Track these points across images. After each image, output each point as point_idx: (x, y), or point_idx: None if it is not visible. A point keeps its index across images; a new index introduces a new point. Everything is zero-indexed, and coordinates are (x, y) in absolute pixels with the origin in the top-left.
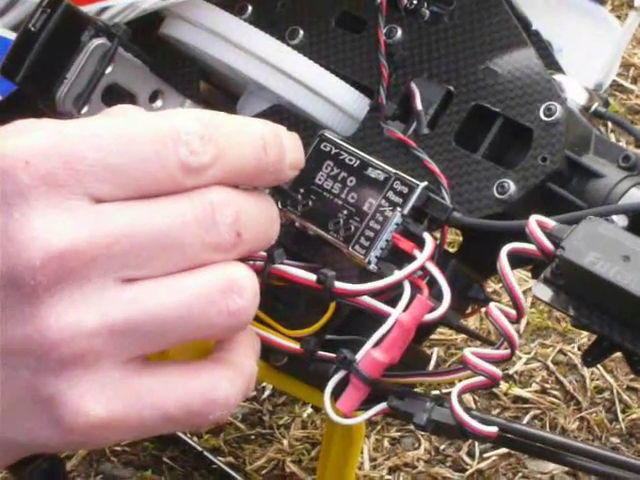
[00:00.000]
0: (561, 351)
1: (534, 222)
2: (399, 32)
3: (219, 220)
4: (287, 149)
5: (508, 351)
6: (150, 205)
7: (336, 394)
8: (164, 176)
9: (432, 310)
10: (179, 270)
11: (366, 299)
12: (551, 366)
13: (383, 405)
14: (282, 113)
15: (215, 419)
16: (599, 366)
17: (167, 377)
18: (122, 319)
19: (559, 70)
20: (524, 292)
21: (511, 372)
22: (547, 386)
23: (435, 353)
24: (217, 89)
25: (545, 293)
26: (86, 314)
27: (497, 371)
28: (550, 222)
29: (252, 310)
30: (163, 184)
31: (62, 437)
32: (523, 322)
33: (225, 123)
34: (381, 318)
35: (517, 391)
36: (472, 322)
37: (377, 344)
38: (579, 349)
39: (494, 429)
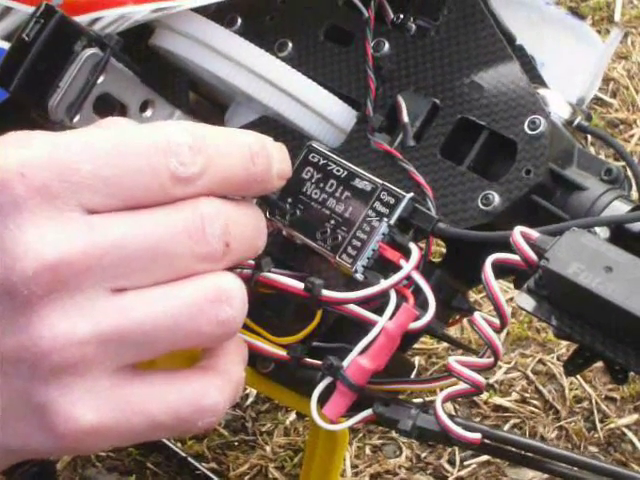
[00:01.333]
0: (541, 361)
1: (518, 233)
2: (386, 46)
3: (209, 231)
4: (274, 159)
5: (492, 359)
6: (141, 216)
7: (322, 401)
8: (155, 186)
9: (417, 319)
10: (169, 280)
11: (353, 307)
12: (531, 376)
13: (369, 412)
14: (270, 124)
15: (204, 426)
16: (578, 376)
17: (156, 385)
18: (113, 328)
19: (542, 84)
20: (506, 301)
21: (491, 381)
22: (527, 395)
23: (417, 362)
24: (206, 100)
25: (528, 303)
26: (78, 323)
27: (481, 379)
28: (534, 233)
29: (241, 319)
30: (154, 194)
31: (54, 443)
32: (504, 332)
33: (214, 134)
34: (367, 326)
35: (497, 400)
36: (453, 332)
37: (363, 351)
38: (558, 359)
39: (478, 436)
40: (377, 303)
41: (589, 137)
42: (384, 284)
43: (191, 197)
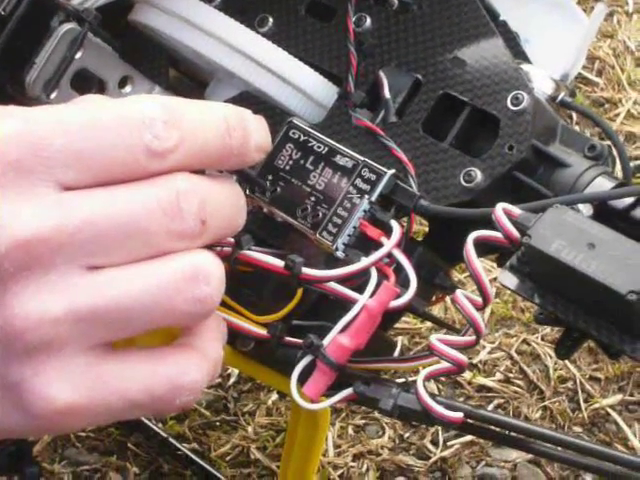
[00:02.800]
0: (525, 341)
1: (500, 210)
2: (368, 21)
3: (184, 208)
4: (252, 131)
5: (474, 338)
6: (115, 192)
7: (302, 379)
8: (129, 161)
9: (398, 297)
10: (145, 258)
11: (333, 285)
12: (515, 356)
13: (349, 391)
14: (250, 100)
15: (181, 404)
16: None
17: (133, 363)
18: (87, 306)
19: (526, 60)
20: (489, 281)
21: (475, 361)
22: (511, 375)
23: (400, 342)
24: (186, 76)
25: (511, 281)
26: (51, 301)
27: (463, 358)
28: (516, 210)
29: (218, 297)
30: (128, 169)
31: (29, 423)
32: (487, 312)
33: (189, 107)
34: (348, 304)
35: (481, 380)
36: (437, 311)
37: (344, 330)
38: (543, 339)
39: (460, 415)
40: (358, 281)
41: (574, 116)
42: (365, 262)
43: (166, 172)
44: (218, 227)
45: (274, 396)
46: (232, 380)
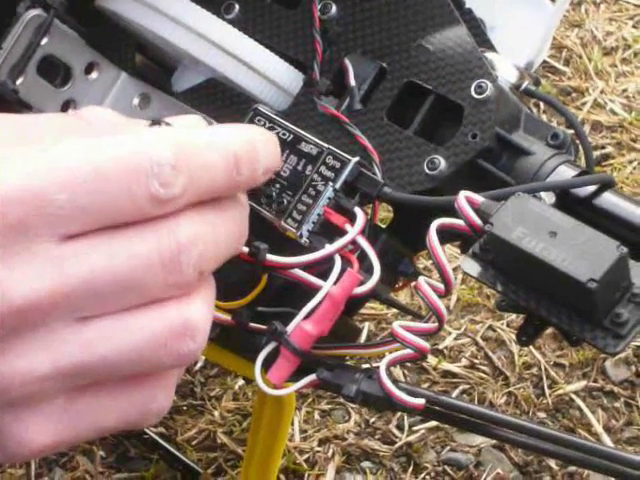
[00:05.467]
0: (490, 327)
1: (463, 198)
2: (333, 8)
3: (183, 261)
4: (260, 160)
5: (436, 325)
6: (115, 243)
7: (267, 365)
8: (133, 210)
9: (362, 283)
10: (136, 306)
11: (297, 272)
12: (480, 342)
13: (312, 376)
14: (217, 87)
15: (147, 425)
16: None
17: (109, 395)
18: (74, 363)
19: (491, 48)
20: (454, 269)
21: (441, 347)
22: (476, 361)
23: (366, 327)
24: (153, 62)
25: (473, 268)
26: (38, 359)
27: (425, 344)
28: (479, 198)
29: (200, 352)
30: (132, 216)
31: (7, 460)
32: (453, 298)
33: (197, 143)
34: (312, 291)
35: (446, 366)
36: (403, 298)
37: (308, 316)
38: (508, 325)
39: (421, 401)
40: (322, 268)
41: (542, 105)
42: (329, 249)
43: (170, 215)
44: (215, 265)
45: (240, 381)
46: (199, 365)
